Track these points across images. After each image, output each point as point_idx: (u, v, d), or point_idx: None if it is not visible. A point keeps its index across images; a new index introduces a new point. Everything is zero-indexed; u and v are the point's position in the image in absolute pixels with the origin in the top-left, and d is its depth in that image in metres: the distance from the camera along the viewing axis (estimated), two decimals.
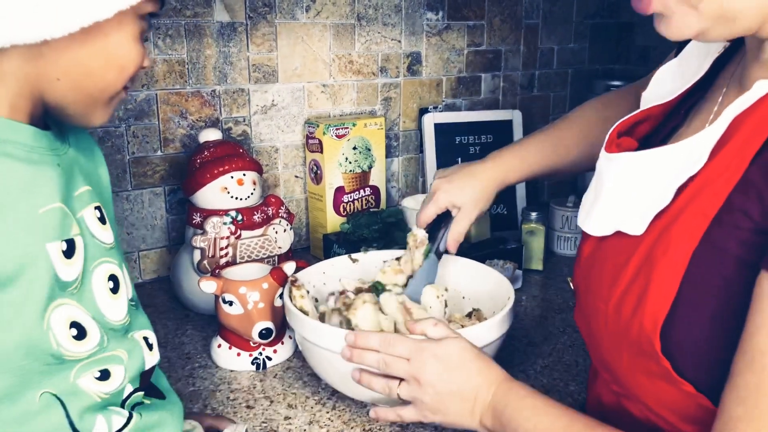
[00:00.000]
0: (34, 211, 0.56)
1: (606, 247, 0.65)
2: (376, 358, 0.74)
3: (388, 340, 0.74)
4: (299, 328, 0.83)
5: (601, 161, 0.68)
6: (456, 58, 1.55)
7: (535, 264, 1.33)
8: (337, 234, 1.32)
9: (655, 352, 0.55)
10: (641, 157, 0.63)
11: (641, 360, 0.58)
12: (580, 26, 1.73)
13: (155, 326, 0.84)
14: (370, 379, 0.76)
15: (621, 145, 0.68)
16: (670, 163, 0.59)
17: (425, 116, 1.48)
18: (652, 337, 0.55)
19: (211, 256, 1.07)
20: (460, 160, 1.50)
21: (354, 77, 1.42)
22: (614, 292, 0.60)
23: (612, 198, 0.65)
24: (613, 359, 0.62)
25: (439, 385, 0.70)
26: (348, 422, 0.83)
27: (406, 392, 0.73)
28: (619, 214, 0.63)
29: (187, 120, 1.25)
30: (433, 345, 0.73)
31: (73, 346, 0.59)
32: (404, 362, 0.73)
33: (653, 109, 0.70)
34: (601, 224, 0.65)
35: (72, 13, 0.52)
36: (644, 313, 0.56)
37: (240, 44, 1.27)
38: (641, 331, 0.56)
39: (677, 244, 0.55)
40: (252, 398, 0.88)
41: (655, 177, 0.60)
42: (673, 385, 0.56)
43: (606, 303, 0.61)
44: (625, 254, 0.60)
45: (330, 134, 1.31)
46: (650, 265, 0.57)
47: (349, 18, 1.38)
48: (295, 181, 1.40)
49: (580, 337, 1.06)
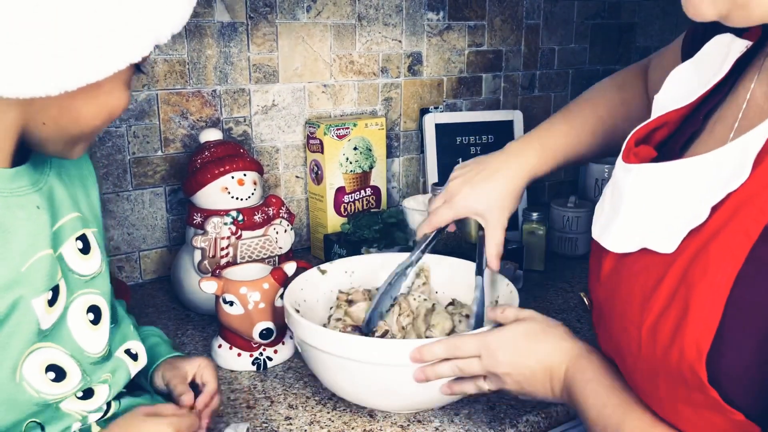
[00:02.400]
0: (17, 269, 0.54)
1: (630, 264, 0.61)
2: (450, 367, 0.74)
3: (452, 345, 0.74)
4: (298, 331, 0.83)
5: (619, 172, 0.64)
6: (457, 59, 1.55)
7: (536, 264, 1.33)
8: (337, 234, 1.32)
9: (700, 382, 0.51)
10: (664, 170, 0.59)
11: (682, 389, 0.54)
12: (581, 27, 1.73)
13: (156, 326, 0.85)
14: (461, 387, 0.76)
15: (639, 154, 0.64)
16: (699, 176, 0.56)
17: (426, 116, 1.48)
18: (696, 367, 0.51)
19: (212, 256, 1.07)
20: (460, 161, 1.49)
21: (355, 77, 1.42)
22: (647, 316, 0.56)
23: (634, 212, 0.61)
24: (649, 387, 0.58)
25: (515, 373, 0.71)
26: (348, 422, 0.83)
27: (491, 385, 0.74)
28: (643, 229, 0.59)
29: (187, 120, 1.25)
30: (496, 335, 0.73)
31: (54, 389, 0.58)
32: (476, 360, 0.73)
33: (671, 114, 0.66)
34: (623, 240, 0.62)
35: (72, 74, 0.51)
36: (685, 340, 0.52)
37: (241, 44, 1.27)
38: (682, 359, 0.52)
39: (718, 264, 0.51)
40: (252, 398, 0.88)
41: (683, 190, 0.57)
42: (720, 414, 0.52)
43: (638, 328, 0.57)
44: (656, 274, 0.56)
45: (331, 134, 1.31)
46: (688, 287, 0.53)
47: (350, 18, 1.38)
48: (295, 182, 1.40)
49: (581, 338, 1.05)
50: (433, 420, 0.83)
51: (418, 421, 0.83)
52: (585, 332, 1.08)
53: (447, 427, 0.82)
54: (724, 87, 0.63)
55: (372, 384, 0.79)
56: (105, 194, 1.19)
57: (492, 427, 0.82)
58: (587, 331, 1.08)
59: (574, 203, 1.41)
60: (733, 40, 0.63)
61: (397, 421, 0.83)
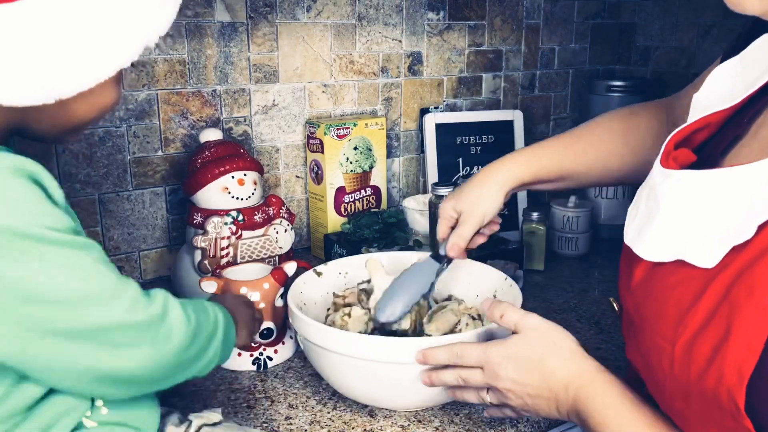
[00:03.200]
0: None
1: (665, 275, 0.58)
2: (454, 377, 0.73)
3: (455, 354, 0.73)
4: (303, 329, 0.83)
5: (656, 177, 0.62)
6: (457, 58, 1.55)
7: (536, 264, 1.33)
8: (337, 234, 1.32)
9: (735, 409, 0.49)
10: (707, 178, 0.56)
11: (714, 412, 0.51)
12: (581, 26, 1.73)
13: None
14: (463, 394, 0.75)
15: (678, 158, 0.61)
16: (744, 188, 0.53)
17: (426, 116, 1.48)
18: (734, 393, 0.48)
19: (212, 256, 1.07)
20: (461, 161, 1.50)
21: (355, 77, 1.42)
22: (682, 332, 0.53)
23: (671, 220, 0.58)
24: (679, 407, 0.56)
25: (517, 389, 0.69)
26: (349, 422, 0.83)
27: (493, 398, 0.72)
28: (680, 240, 0.56)
29: (187, 120, 1.25)
30: (499, 348, 0.70)
31: None
32: (479, 372, 0.71)
33: (713, 116, 0.62)
34: (657, 249, 0.59)
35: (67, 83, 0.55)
36: (725, 363, 0.49)
37: (241, 44, 1.27)
38: (720, 383, 0.49)
39: (765, 287, 0.48)
40: (253, 398, 0.88)
41: (725, 202, 0.54)
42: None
43: (672, 344, 0.54)
44: (694, 289, 0.54)
45: (331, 134, 1.31)
46: (731, 306, 0.50)
47: (350, 18, 1.38)
48: (296, 181, 1.40)
49: (581, 338, 1.05)
50: (433, 420, 0.83)
51: (419, 420, 0.83)
52: (585, 332, 1.08)
53: (447, 427, 0.82)
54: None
55: (377, 382, 0.79)
56: (105, 194, 1.19)
57: (492, 426, 0.82)
58: (587, 331, 1.08)
59: (574, 203, 1.41)
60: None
61: (398, 421, 0.83)
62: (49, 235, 0.52)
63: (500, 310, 0.73)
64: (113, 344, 0.56)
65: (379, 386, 0.80)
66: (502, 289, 0.95)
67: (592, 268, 1.37)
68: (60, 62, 0.53)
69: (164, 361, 0.60)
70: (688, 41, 1.65)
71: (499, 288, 0.96)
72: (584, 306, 1.18)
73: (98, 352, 0.55)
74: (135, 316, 0.57)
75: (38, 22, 0.51)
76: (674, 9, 1.67)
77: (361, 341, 0.77)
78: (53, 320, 0.53)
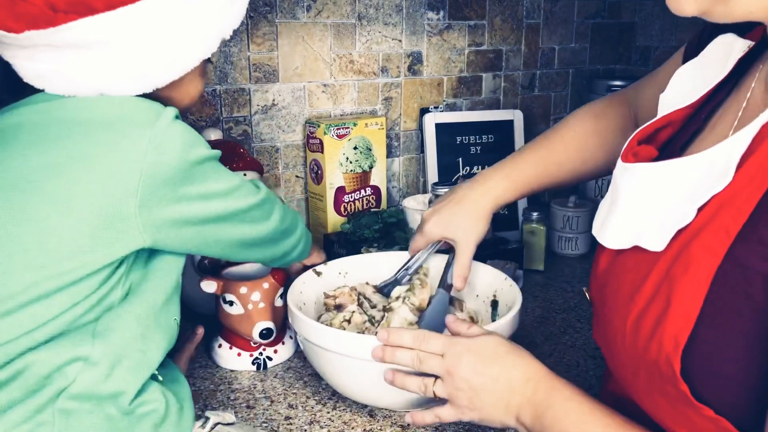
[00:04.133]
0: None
1: (623, 261, 0.63)
2: (410, 356, 0.73)
3: (421, 336, 0.74)
4: (302, 329, 0.83)
5: (617, 171, 0.66)
6: (457, 58, 1.55)
7: (536, 264, 1.33)
8: (337, 234, 1.32)
9: (673, 375, 0.53)
10: (658, 169, 0.60)
11: (658, 381, 0.55)
12: (581, 26, 1.73)
13: None
14: (404, 380, 0.75)
15: (638, 154, 0.65)
16: (690, 176, 0.57)
17: (426, 116, 1.48)
18: (672, 359, 0.53)
19: None
20: (460, 160, 1.50)
21: (355, 77, 1.42)
22: (632, 309, 0.58)
23: (629, 210, 0.63)
24: (630, 379, 0.60)
25: (473, 379, 0.69)
26: (349, 422, 0.83)
27: (441, 389, 0.72)
28: (636, 227, 0.61)
29: (187, 120, 1.25)
30: (467, 340, 0.72)
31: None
32: (438, 358, 0.72)
33: (674, 114, 0.67)
34: (618, 237, 0.63)
35: (168, 72, 0.69)
36: (664, 333, 0.53)
37: (240, 44, 1.27)
38: (660, 352, 0.54)
39: (699, 261, 0.53)
40: (252, 398, 0.88)
41: (674, 190, 0.58)
42: (691, 409, 0.53)
43: (624, 320, 0.58)
44: (644, 270, 0.58)
45: (331, 134, 1.31)
46: (670, 283, 0.54)
47: (350, 17, 1.38)
48: (295, 181, 1.40)
49: (581, 338, 1.06)
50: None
51: None
52: (585, 332, 1.08)
53: (447, 427, 0.82)
54: (726, 86, 0.64)
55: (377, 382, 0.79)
56: None
57: (492, 426, 0.82)
58: (587, 331, 1.08)
59: (574, 203, 1.41)
60: (736, 39, 0.64)
61: (397, 421, 0.83)
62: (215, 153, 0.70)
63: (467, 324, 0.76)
64: (252, 219, 0.75)
65: (379, 386, 0.80)
66: (502, 289, 0.95)
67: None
68: (157, 56, 0.66)
69: (275, 226, 0.79)
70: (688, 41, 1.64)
71: (499, 288, 0.96)
72: (584, 306, 1.18)
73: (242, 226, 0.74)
74: (258, 197, 0.75)
75: (147, 22, 0.64)
76: None
77: (361, 341, 0.77)
78: (219, 210, 0.70)
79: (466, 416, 0.71)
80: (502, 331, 0.81)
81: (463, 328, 0.75)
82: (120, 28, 0.63)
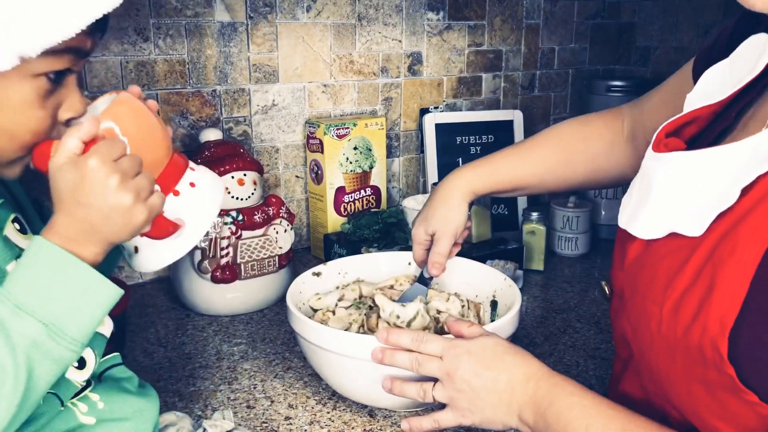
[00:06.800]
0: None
1: (657, 249, 0.61)
2: (408, 358, 0.73)
3: (420, 338, 0.73)
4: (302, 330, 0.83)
5: (648, 161, 0.65)
6: (457, 58, 1.55)
7: (536, 264, 1.33)
8: (337, 234, 1.32)
9: (719, 358, 0.52)
10: (697, 157, 0.59)
11: (698, 367, 0.54)
12: (581, 26, 1.73)
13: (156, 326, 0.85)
14: (402, 387, 0.74)
15: (669, 145, 0.64)
16: (731, 162, 0.56)
17: (426, 116, 1.48)
18: (718, 342, 0.51)
19: (212, 256, 1.07)
20: (460, 161, 1.50)
21: (355, 77, 1.42)
22: (670, 294, 0.56)
23: (663, 199, 0.61)
24: (665, 366, 0.58)
25: (473, 381, 0.68)
26: (348, 422, 0.83)
27: (440, 393, 0.71)
28: (672, 215, 0.60)
29: (187, 120, 1.25)
30: (466, 342, 0.71)
31: (75, 376, 0.61)
32: (437, 361, 0.71)
33: (702, 110, 0.65)
34: (651, 226, 0.62)
35: None
36: (709, 315, 0.52)
37: (240, 44, 1.27)
38: (704, 335, 0.52)
39: (746, 244, 0.52)
40: (252, 398, 0.88)
41: (714, 177, 0.57)
42: (733, 395, 0.52)
43: (660, 306, 0.57)
44: (682, 256, 0.57)
45: (331, 134, 1.31)
46: (714, 266, 0.53)
47: (350, 18, 1.38)
48: (295, 181, 1.40)
49: (581, 338, 1.06)
50: None
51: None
52: (585, 332, 1.08)
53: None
54: (757, 85, 0.63)
55: (377, 382, 0.79)
56: None
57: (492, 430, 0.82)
58: (587, 331, 1.08)
59: (574, 203, 1.41)
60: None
61: (397, 421, 0.83)
62: None
63: (467, 323, 0.76)
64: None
65: (379, 387, 0.80)
66: (502, 289, 0.95)
67: (592, 268, 1.37)
68: None
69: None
70: (687, 41, 1.65)
71: (498, 288, 0.96)
72: (584, 306, 1.18)
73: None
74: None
75: None
76: (674, 9, 1.67)
77: (361, 341, 0.77)
78: None
79: (467, 419, 0.70)
80: (502, 331, 0.81)
81: (463, 328, 0.75)
82: None
